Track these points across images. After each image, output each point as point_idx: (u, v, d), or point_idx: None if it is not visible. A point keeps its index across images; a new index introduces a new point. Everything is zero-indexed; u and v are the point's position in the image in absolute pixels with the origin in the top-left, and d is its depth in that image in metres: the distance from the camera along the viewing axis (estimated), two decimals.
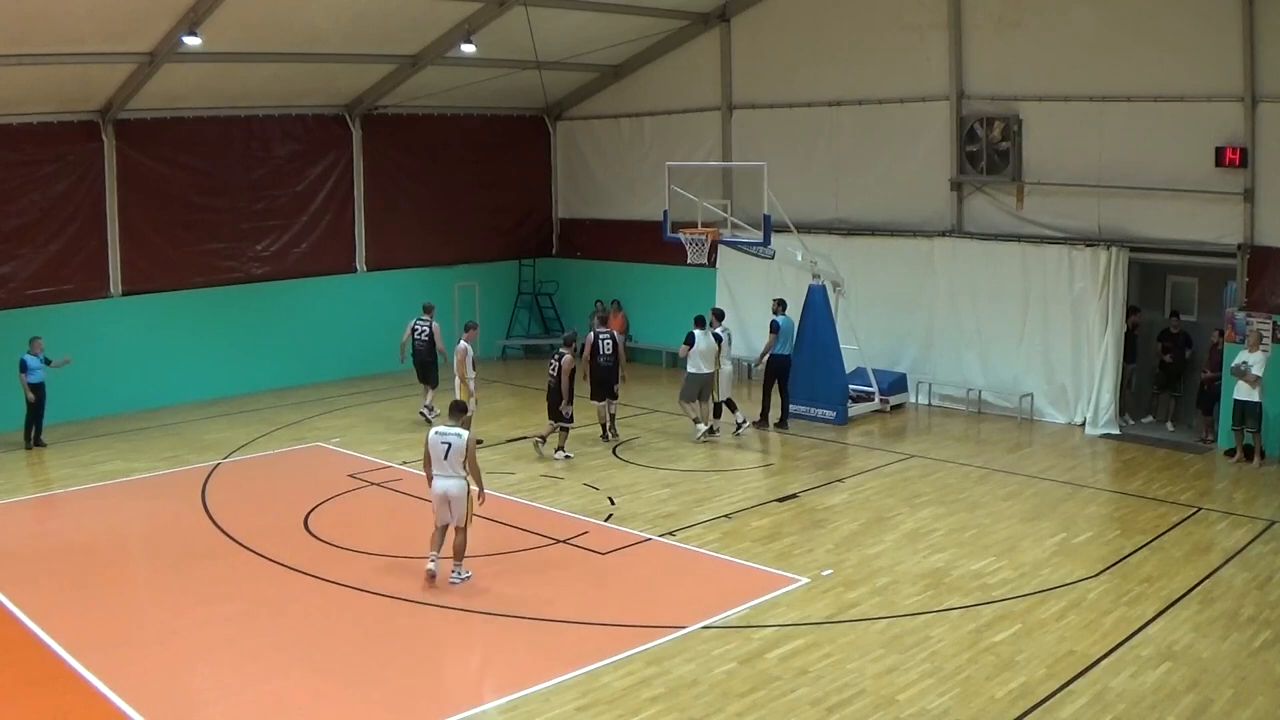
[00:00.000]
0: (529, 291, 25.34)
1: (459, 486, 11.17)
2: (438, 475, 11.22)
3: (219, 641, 10.21)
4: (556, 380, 16.07)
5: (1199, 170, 16.22)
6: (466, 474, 11.17)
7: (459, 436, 11.13)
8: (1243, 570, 11.62)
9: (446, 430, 11.24)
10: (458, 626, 10.67)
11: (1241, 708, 8.64)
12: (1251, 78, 15.55)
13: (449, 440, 11.13)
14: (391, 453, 16.69)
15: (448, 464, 11.13)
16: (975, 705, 8.76)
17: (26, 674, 9.57)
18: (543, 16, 18.62)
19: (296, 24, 17.82)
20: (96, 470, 16.00)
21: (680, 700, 8.93)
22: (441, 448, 11.14)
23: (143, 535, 13.66)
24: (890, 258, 19.81)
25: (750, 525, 13.30)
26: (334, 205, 22.20)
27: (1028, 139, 18.12)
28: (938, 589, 11.21)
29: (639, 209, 23.32)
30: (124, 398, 19.24)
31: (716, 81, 22.14)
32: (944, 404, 19.47)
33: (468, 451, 11.09)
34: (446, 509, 11.24)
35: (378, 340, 21.68)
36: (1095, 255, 17.42)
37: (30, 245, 18.39)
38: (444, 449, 11.13)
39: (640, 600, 11.23)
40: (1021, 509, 13.80)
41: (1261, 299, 15.95)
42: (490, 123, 24.55)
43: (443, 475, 11.18)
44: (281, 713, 8.94)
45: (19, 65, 16.26)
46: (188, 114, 19.94)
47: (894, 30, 19.32)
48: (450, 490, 11.17)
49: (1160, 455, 16.32)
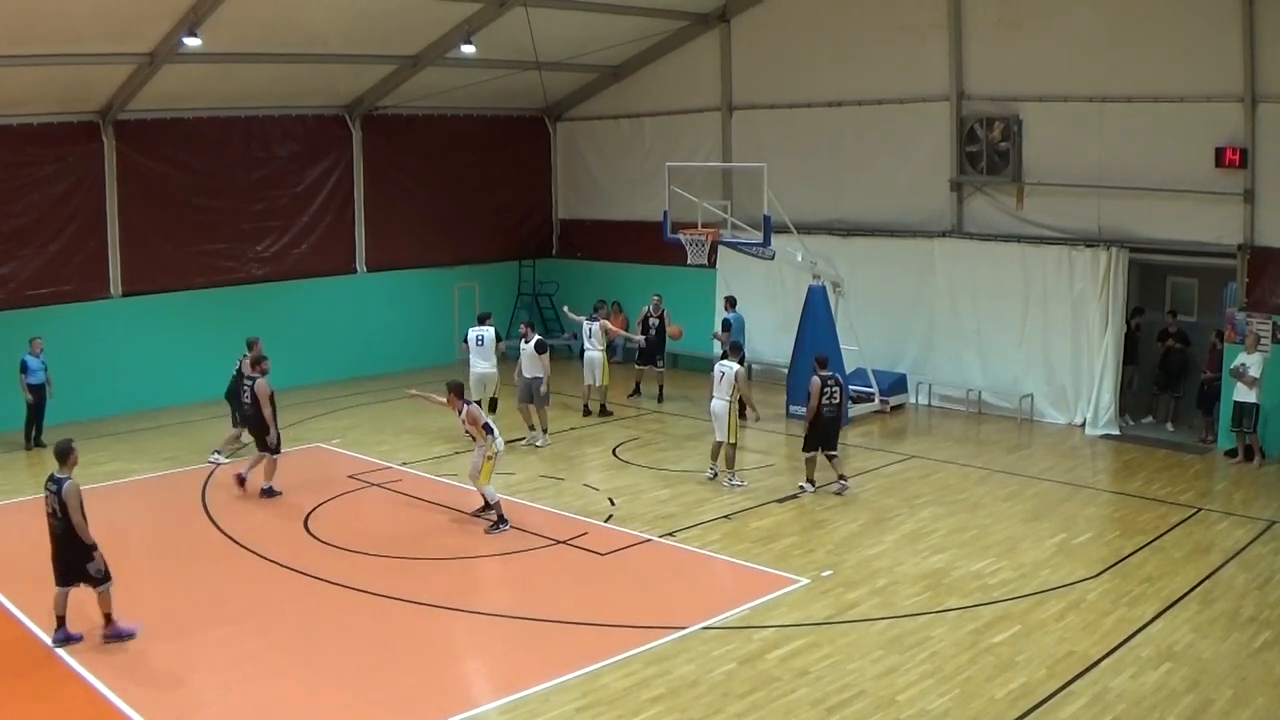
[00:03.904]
0: (529, 292, 25.34)
1: (721, 406, 14.50)
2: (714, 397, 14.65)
3: (219, 641, 10.22)
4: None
5: (1199, 170, 16.22)
6: (731, 399, 14.41)
7: (730, 367, 14.58)
8: (1243, 570, 11.63)
9: (723, 364, 14.74)
10: (458, 626, 10.67)
11: (1241, 708, 8.64)
12: (1251, 78, 15.55)
13: (723, 371, 14.58)
14: (391, 453, 16.68)
15: (719, 389, 14.53)
16: (975, 706, 8.76)
17: (26, 674, 9.57)
18: (543, 17, 18.62)
19: (296, 24, 17.82)
20: (96, 470, 15.96)
21: (680, 701, 8.93)
22: (717, 375, 14.65)
23: (143, 536, 13.66)
24: (890, 258, 19.81)
25: (750, 526, 13.29)
26: (334, 206, 22.20)
27: (1028, 139, 18.12)
28: (938, 590, 11.21)
29: (639, 209, 23.31)
30: (124, 398, 19.23)
31: (716, 82, 22.14)
32: (944, 404, 19.47)
33: (739, 382, 14.49)
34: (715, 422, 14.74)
35: (378, 340, 21.69)
36: (1095, 256, 17.42)
37: (30, 246, 18.39)
38: (719, 375, 14.61)
39: (640, 600, 11.23)
40: (1021, 509, 13.80)
41: (1261, 299, 15.95)
42: (490, 123, 24.55)
43: (715, 397, 14.64)
44: (281, 713, 8.94)
45: (19, 65, 16.26)
46: (188, 114, 19.94)
47: (894, 30, 19.31)
48: (714, 409, 14.66)
49: (1160, 456, 16.32)
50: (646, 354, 20.32)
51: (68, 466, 10.17)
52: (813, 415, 14.26)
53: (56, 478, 10.10)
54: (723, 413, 14.60)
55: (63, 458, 10.21)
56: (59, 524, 10.06)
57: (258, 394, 14.56)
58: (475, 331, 17.74)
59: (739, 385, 14.58)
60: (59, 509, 10.01)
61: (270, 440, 14.54)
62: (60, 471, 10.13)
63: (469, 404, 13.50)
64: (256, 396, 14.57)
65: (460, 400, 13.46)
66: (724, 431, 14.67)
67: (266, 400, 14.53)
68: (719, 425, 14.75)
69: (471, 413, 13.35)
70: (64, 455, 10.22)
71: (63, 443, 10.38)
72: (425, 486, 15.21)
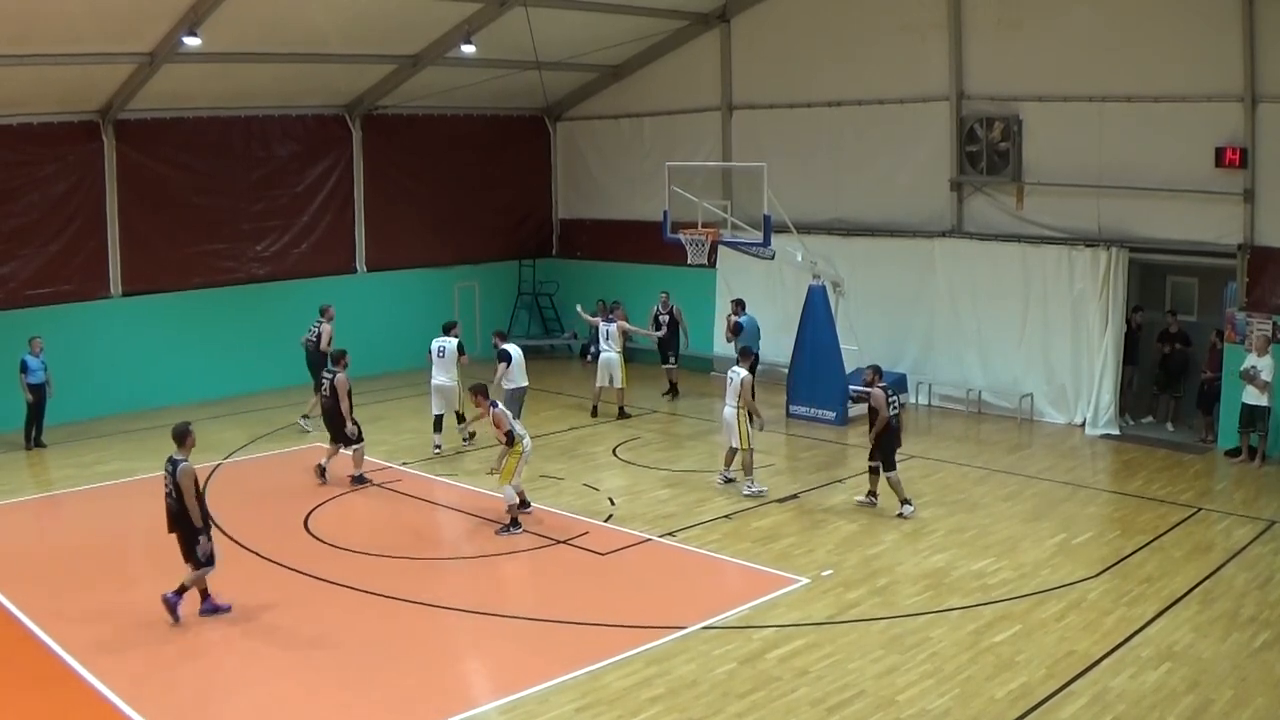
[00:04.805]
0: (529, 292, 25.34)
1: (732, 414, 14.26)
2: (726, 405, 14.48)
3: (219, 641, 10.22)
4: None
5: (1199, 170, 16.21)
6: (740, 405, 14.16)
7: (737, 373, 14.29)
8: (1243, 570, 11.62)
9: (733, 370, 14.44)
10: (457, 626, 10.67)
11: (1241, 708, 8.64)
12: (1251, 78, 15.54)
13: (733, 376, 14.34)
14: (392, 453, 16.67)
15: (728, 394, 14.41)
16: (975, 706, 8.76)
17: (26, 674, 9.57)
18: (543, 17, 18.62)
19: (296, 24, 17.82)
20: (96, 470, 15.99)
21: (680, 700, 8.93)
22: (728, 380, 14.44)
23: (143, 535, 13.63)
24: (890, 258, 19.80)
25: (750, 526, 13.29)
26: (334, 205, 22.19)
27: (1028, 139, 18.11)
28: (938, 589, 11.21)
29: (639, 209, 23.30)
30: (124, 398, 19.22)
31: (716, 82, 22.14)
32: (944, 404, 19.47)
33: (743, 387, 14.17)
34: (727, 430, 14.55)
35: (378, 340, 21.67)
36: (1095, 255, 17.42)
37: (30, 246, 18.38)
38: (728, 381, 14.43)
39: (640, 600, 11.23)
40: (1021, 509, 13.80)
41: (1261, 299, 15.94)
42: (490, 123, 24.54)
43: (726, 405, 14.49)
44: (281, 713, 8.94)
45: (19, 65, 16.26)
46: (188, 114, 19.94)
47: (894, 30, 19.31)
48: (726, 416, 14.51)
49: (1160, 455, 16.31)
50: (660, 351, 20.42)
51: (185, 448, 10.54)
52: (882, 428, 13.50)
53: (174, 459, 10.45)
54: (733, 420, 14.24)
55: (180, 439, 10.58)
56: (174, 504, 10.43)
57: (337, 387, 14.79)
58: (438, 342, 16.78)
59: (744, 392, 14.17)
60: (174, 490, 10.36)
61: (350, 431, 14.88)
62: (177, 453, 10.48)
63: (495, 406, 13.29)
64: (336, 390, 14.79)
65: (486, 401, 13.33)
66: (737, 438, 14.30)
67: (345, 394, 14.82)
68: (731, 433, 14.40)
69: (496, 415, 13.18)
70: (181, 437, 10.60)
71: (180, 425, 10.79)
72: (425, 486, 15.22)
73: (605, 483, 15.07)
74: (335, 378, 14.87)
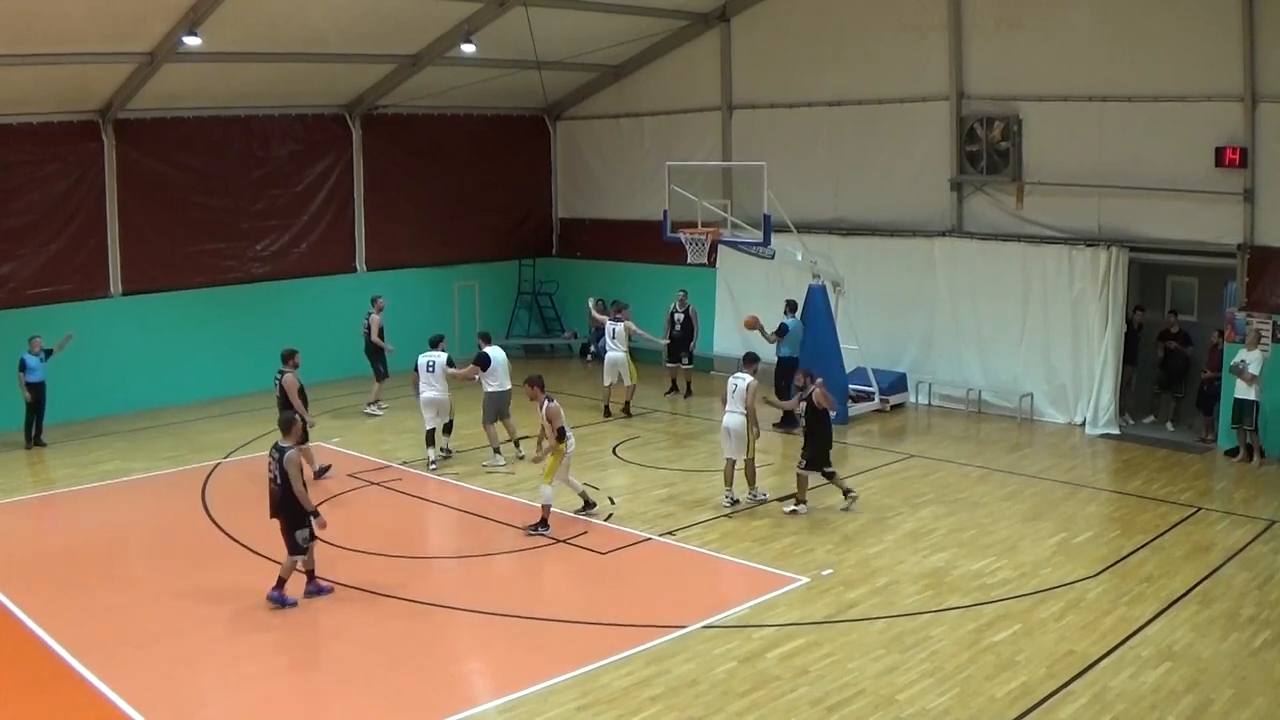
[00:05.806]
0: (529, 291, 25.34)
1: (738, 421, 13.58)
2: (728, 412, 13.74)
3: (219, 641, 10.23)
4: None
5: (1199, 170, 16.22)
6: (745, 411, 13.54)
7: (742, 379, 13.71)
8: (1243, 570, 11.62)
9: (737, 376, 13.83)
10: (457, 626, 10.67)
11: (1241, 708, 8.64)
12: (1251, 78, 15.55)
13: (737, 383, 13.72)
14: (392, 453, 16.68)
15: (730, 401, 13.70)
16: (975, 705, 8.77)
17: (27, 674, 9.57)
18: (543, 16, 18.63)
19: (296, 24, 17.83)
20: (96, 470, 16.00)
21: (680, 700, 8.94)
22: (731, 387, 13.79)
23: (143, 535, 13.67)
24: (890, 258, 19.81)
25: (750, 525, 13.29)
26: (334, 205, 22.19)
27: (1028, 139, 18.11)
28: (938, 589, 11.21)
29: (639, 209, 23.31)
30: (124, 398, 19.23)
31: (716, 81, 22.14)
32: (944, 404, 19.47)
33: (749, 394, 13.60)
34: (729, 440, 13.77)
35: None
36: (1095, 255, 17.42)
37: (30, 245, 18.39)
38: (732, 388, 13.76)
39: (640, 600, 11.24)
40: (1021, 509, 13.80)
41: (1261, 299, 15.95)
42: (490, 123, 24.55)
43: (729, 411, 13.74)
44: (280, 712, 8.94)
45: (19, 65, 16.26)
46: (188, 114, 19.94)
47: (894, 30, 19.31)
48: (730, 424, 13.68)
49: (1160, 455, 16.32)
50: (673, 351, 20.51)
51: (290, 437, 10.91)
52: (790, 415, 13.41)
53: (280, 446, 10.79)
54: (740, 428, 13.60)
55: (286, 429, 10.99)
56: (279, 490, 10.73)
57: (285, 388, 14.67)
58: (425, 357, 16.01)
59: (749, 399, 13.61)
60: (280, 476, 10.66)
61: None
62: (283, 441, 10.84)
63: (549, 400, 13.07)
64: (285, 390, 14.65)
65: (542, 394, 13.15)
66: (740, 449, 13.69)
67: (294, 394, 14.69)
68: (732, 443, 13.74)
69: (550, 410, 12.93)
70: (287, 426, 11.02)
71: (286, 414, 11.44)
72: (425, 485, 15.22)
73: (605, 482, 15.06)
74: (284, 378, 14.73)
